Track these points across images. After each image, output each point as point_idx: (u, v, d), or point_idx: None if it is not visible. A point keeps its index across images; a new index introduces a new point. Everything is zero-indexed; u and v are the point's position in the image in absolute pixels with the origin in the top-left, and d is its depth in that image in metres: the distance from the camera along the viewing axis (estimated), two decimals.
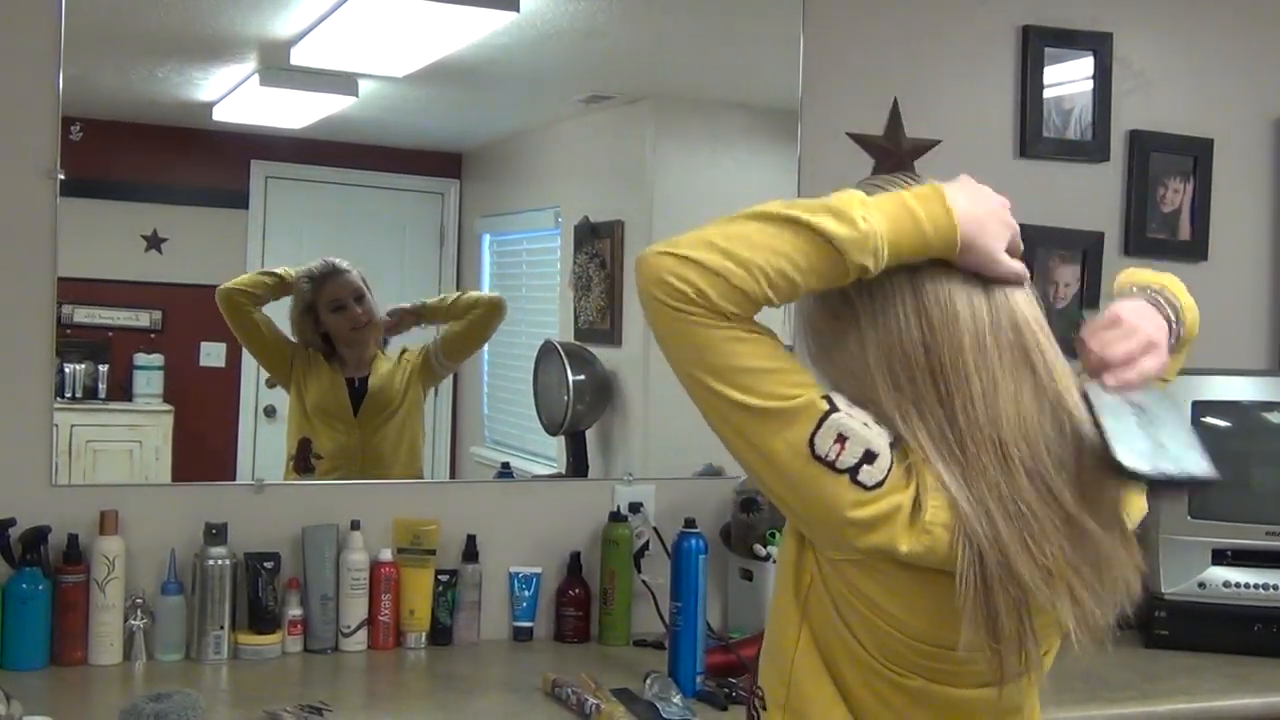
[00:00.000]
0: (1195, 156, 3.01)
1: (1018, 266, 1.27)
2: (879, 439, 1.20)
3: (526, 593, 2.47)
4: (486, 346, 2.74)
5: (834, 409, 1.20)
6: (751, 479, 1.29)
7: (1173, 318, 1.36)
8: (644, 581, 2.50)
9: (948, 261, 1.24)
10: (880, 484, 1.19)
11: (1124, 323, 1.30)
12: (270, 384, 2.50)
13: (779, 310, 1.24)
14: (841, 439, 1.18)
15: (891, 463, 1.20)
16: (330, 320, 2.53)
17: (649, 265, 1.22)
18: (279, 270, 2.47)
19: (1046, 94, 2.88)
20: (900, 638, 1.25)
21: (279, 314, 2.49)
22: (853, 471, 1.18)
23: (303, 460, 2.49)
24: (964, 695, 1.28)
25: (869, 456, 1.19)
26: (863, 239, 1.18)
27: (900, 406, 1.23)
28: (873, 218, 1.20)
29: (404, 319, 2.60)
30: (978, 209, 1.24)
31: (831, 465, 1.18)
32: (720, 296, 1.17)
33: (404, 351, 2.60)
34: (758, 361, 1.19)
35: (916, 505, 1.19)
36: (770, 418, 1.19)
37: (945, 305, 1.24)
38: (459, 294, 2.65)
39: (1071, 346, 1.33)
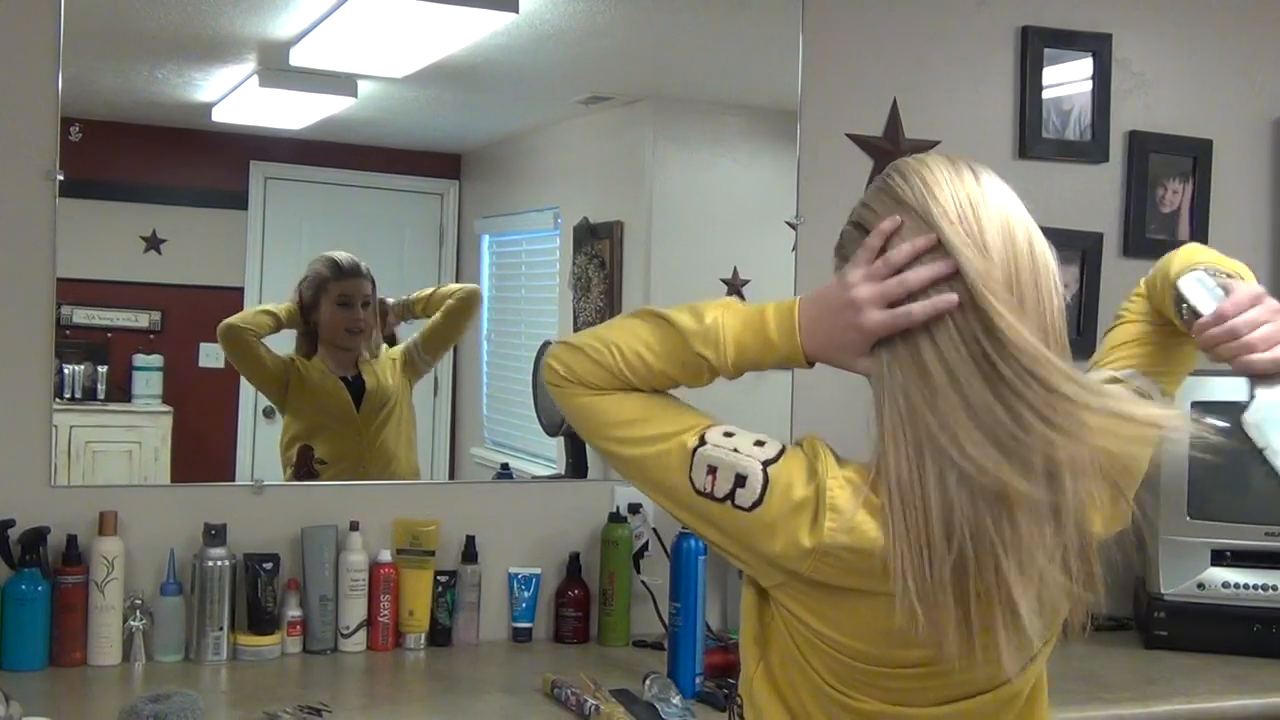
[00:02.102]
0: (1194, 157, 3.01)
1: (865, 367, 1.28)
2: (748, 460, 1.24)
3: (526, 593, 2.47)
4: (486, 347, 2.75)
5: (701, 443, 1.26)
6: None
7: None
8: (643, 582, 2.50)
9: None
10: (758, 503, 1.23)
11: (1268, 301, 1.30)
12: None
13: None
14: (712, 470, 1.25)
15: (766, 480, 1.22)
16: (329, 312, 2.53)
17: (546, 357, 1.38)
18: (276, 309, 2.48)
19: (1046, 95, 2.88)
20: (847, 661, 1.26)
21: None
22: (730, 497, 1.24)
23: (304, 468, 2.48)
24: (924, 714, 1.28)
25: (739, 480, 1.24)
26: (705, 331, 1.30)
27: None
28: (725, 318, 1.31)
29: (399, 314, 2.60)
30: (823, 324, 1.28)
31: (711, 496, 1.25)
32: (583, 370, 1.34)
33: (386, 349, 2.60)
34: (627, 413, 1.32)
35: (818, 508, 1.21)
36: (651, 462, 1.29)
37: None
38: (437, 287, 2.64)
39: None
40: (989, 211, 1.27)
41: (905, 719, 1.28)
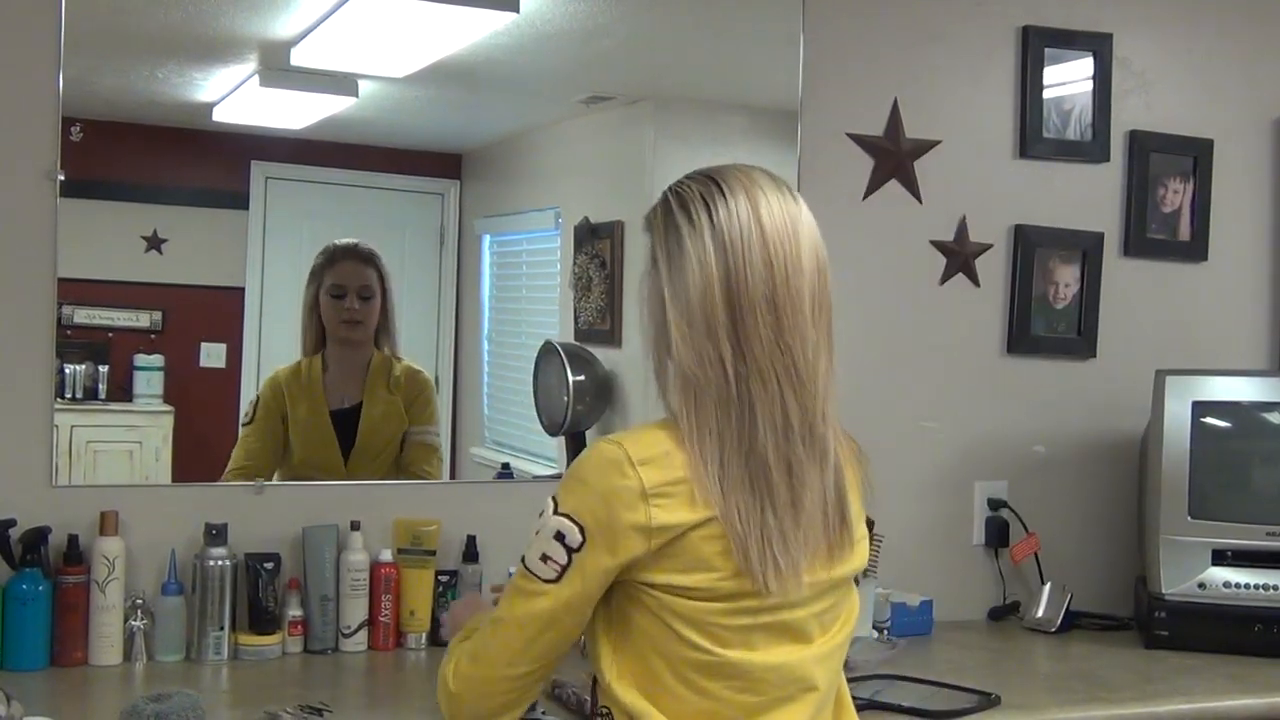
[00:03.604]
0: (1195, 156, 3.01)
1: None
2: (542, 524, 1.47)
3: None
4: (486, 347, 2.75)
5: (522, 567, 1.49)
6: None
7: None
8: None
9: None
10: (582, 534, 1.43)
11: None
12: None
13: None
14: (545, 558, 1.46)
15: (568, 516, 1.45)
16: (325, 305, 2.49)
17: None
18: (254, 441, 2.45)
19: (1046, 94, 2.88)
20: (708, 604, 1.41)
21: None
22: (571, 553, 1.44)
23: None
24: (764, 662, 1.43)
25: (559, 537, 1.44)
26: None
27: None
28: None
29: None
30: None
31: (567, 566, 1.45)
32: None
33: (407, 372, 2.57)
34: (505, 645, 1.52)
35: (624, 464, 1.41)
36: (532, 620, 1.48)
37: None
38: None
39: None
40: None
41: (753, 664, 1.43)
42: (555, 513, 1.46)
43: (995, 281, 2.86)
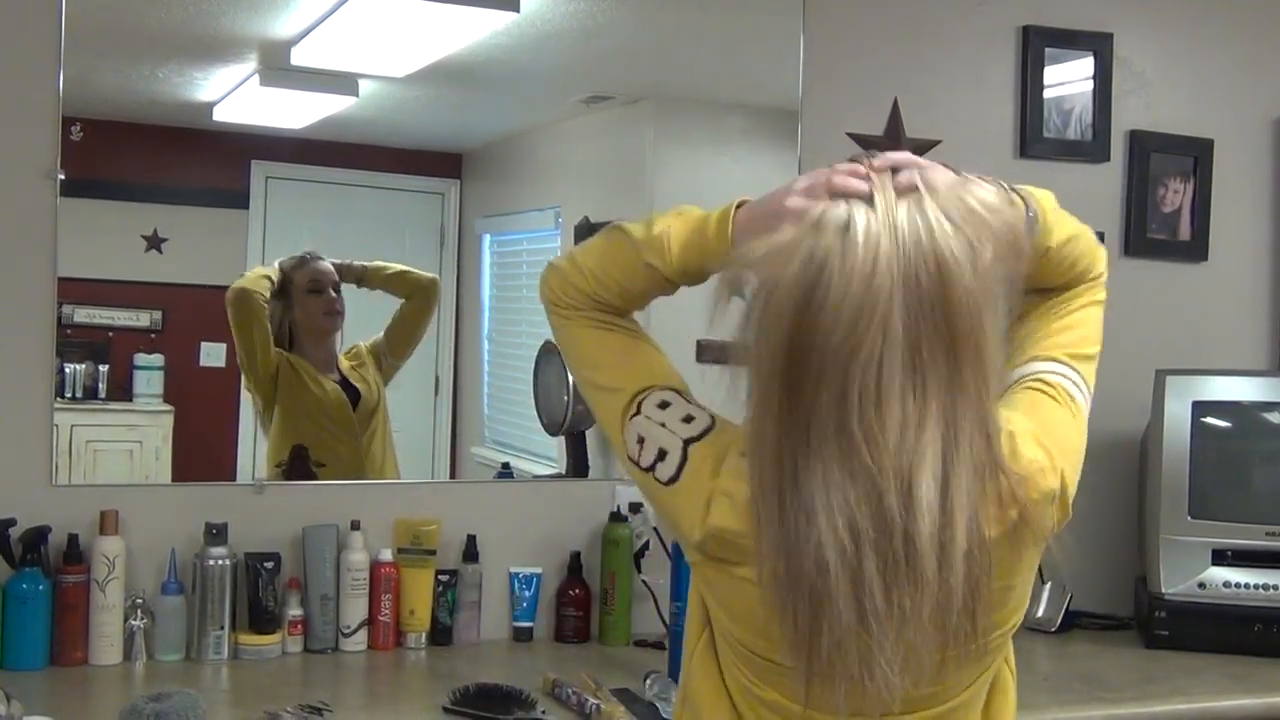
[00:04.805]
0: (1195, 157, 3.01)
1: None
2: (671, 438, 1.25)
3: (527, 593, 2.47)
4: (487, 346, 2.75)
5: (636, 412, 1.29)
6: None
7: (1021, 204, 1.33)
8: (644, 582, 2.50)
9: None
10: (674, 478, 1.24)
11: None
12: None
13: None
14: (640, 440, 1.27)
15: (684, 459, 1.24)
16: (304, 302, 2.51)
17: (540, 279, 1.42)
18: (270, 272, 2.47)
19: (1047, 94, 2.88)
20: (739, 648, 1.26)
21: None
22: (652, 469, 1.26)
23: (300, 467, 2.46)
24: None
25: (660, 454, 1.25)
26: (653, 240, 1.33)
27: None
28: (674, 225, 1.33)
29: (348, 272, 2.56)
30: (755, 229, 1.24)
31: (637, 464, 1.28)
32: (559, 288, 1.38)
33: (355, 351, 2.59)
34: (590, 353, 1.36)
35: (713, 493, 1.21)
36: (601, 411, 1.34)
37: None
38: (398, 268, 2.60)
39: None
40: None
41: None
42: (688, 444, 1.24)
43: None
